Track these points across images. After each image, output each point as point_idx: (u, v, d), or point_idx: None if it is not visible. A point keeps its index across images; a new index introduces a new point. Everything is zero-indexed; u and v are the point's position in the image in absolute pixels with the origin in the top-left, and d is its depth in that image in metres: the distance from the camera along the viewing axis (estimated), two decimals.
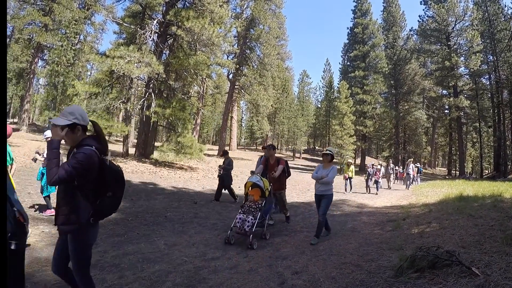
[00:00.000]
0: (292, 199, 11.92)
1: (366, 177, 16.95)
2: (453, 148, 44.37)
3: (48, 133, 6.13)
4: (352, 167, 15.96)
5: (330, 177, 6.04)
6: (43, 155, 6.41)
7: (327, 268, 4.16)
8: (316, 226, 7.01)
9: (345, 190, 15.57)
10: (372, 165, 17.56)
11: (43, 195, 6.52)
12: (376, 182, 16.21)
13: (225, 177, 10.20)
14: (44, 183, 6.40)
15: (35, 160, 6.50)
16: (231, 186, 10.50)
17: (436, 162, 60.49)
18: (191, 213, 7.97)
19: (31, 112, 41.58)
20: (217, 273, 4.12)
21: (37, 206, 7.02)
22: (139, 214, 7.37)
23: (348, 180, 15.63)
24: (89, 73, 46.60)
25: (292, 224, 7.52)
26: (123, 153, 18.60)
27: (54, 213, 5.70)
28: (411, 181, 18.57)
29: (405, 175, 19.75)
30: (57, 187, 2.67)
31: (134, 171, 14.64)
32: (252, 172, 6.99)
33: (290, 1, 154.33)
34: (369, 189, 16.39)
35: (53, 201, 7.13)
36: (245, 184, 6.46)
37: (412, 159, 21.89)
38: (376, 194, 15.52)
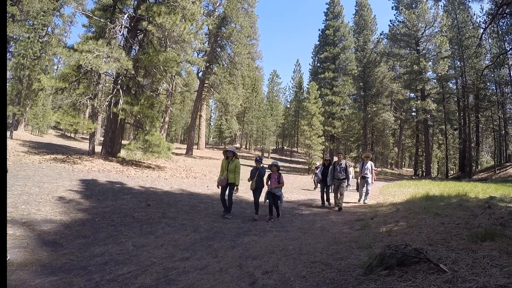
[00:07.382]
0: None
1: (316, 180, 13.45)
2: (419, 150, 45.79)
3: None
4: (237, 161, 8.24)
5: None
6: None
7: (297, 267, 4.15)
8: (284, 226, 6.99)
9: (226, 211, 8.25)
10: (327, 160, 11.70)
11: None
12: (317, 181, 12.38)
13: None
14: None
15: None
16: None
17: (403, 163, 62.33)
18: (159, 213, 7.77)
19: None
20: (186, 274, 4.02)
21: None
22: (106, 214, 7.09)
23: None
24: (56, 67, 45.03)
25: (261, 224, 7.49)
26: (89, 151, 17.98)
27: None
28: (368, 188, 11.61)
29: (359, 179, 12.51)
30: None
31: (101, 170, 14.18)
32: None
33: (263, 1, 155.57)
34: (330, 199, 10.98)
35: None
36: None
37: (369, 155, 12.66)
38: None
